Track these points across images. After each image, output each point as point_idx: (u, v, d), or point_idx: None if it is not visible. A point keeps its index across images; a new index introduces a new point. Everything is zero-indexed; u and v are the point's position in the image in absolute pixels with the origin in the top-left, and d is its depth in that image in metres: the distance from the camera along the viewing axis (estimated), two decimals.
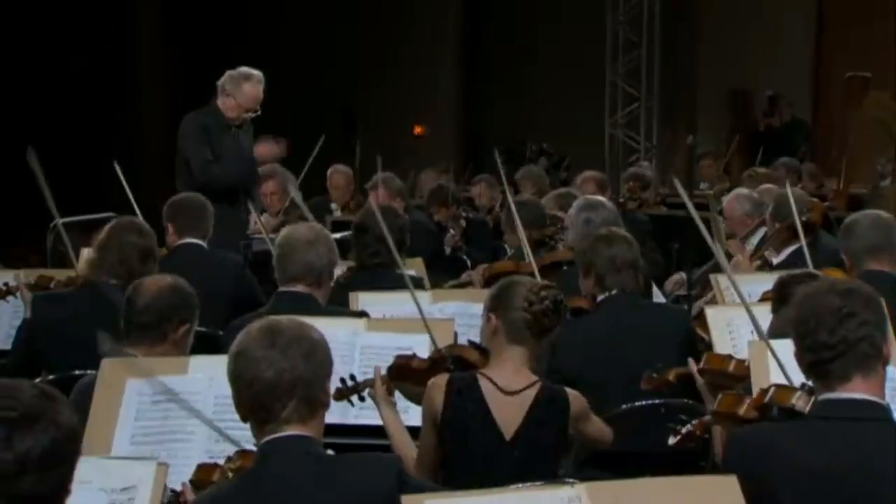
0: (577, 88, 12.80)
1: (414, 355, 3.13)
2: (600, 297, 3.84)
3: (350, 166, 8.30)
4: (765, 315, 3.58)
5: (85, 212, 5.26)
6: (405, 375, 3.09)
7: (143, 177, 12.14)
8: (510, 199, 5.26)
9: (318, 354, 2.35)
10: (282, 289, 3.76)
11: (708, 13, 12.79)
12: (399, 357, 3.12)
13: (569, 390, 3.05)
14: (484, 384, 2.98)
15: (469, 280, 5.01)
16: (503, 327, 3.01)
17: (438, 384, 2.98)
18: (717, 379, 2.92)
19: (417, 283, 4.37)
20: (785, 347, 2.61)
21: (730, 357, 3.00)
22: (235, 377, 2.35)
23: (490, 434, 2.96)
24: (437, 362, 3.10)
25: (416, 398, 3.09)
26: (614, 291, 3.81)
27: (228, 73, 5.66)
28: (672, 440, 2.97)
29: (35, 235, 5.16)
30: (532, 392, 2.99)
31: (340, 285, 4.16)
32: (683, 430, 2.94)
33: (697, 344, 3.83)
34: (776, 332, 3.06)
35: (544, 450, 2.99)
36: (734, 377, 2.95)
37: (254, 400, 2.32)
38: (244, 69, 5.67)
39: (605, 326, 3.77)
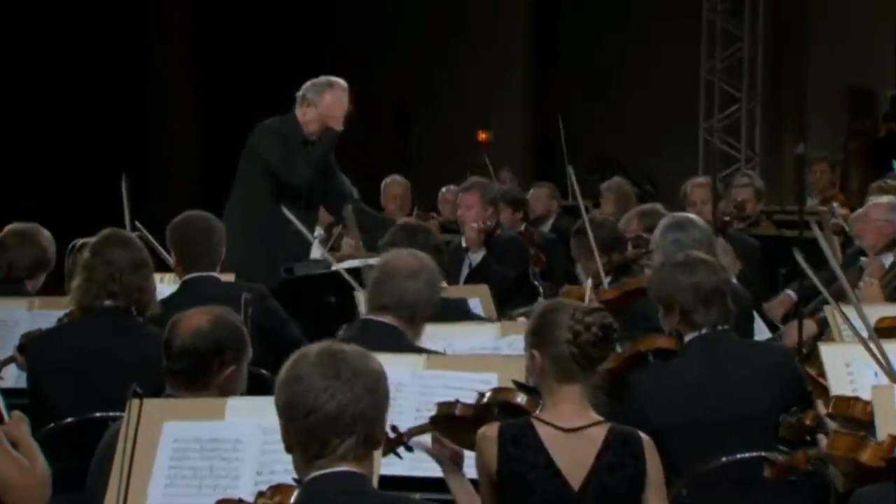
0: (666, 88, 12.75)
1: (457, 402, 3.11)
2: (688, 337, 3.76)
3: (403, 175, 8.37)
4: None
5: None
6: (451, 425, 3.07)
7: (171, 187, 12.40)
8: (586, 219, 5.25)
9: (381, 389, 2.43)
10: (369, 316, 3.79)
11: None
12: (440, 406, 3.10)
13: (643, 435, 3.02)
14: (541, 428, 2.96)
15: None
16: (549, 365, 2.98)
17: (489, 436, 2.96)
18: (847, 425, 2.86)
19: (461, 309, 4.38)
20: None
21: (856, 399, 2.95)
22: (288, 405, 2.39)
23: (555, 484, 2.93)
24: (481, 412, 3.08)
25: (470, 446, 3.07)
26: (704, 330, 3.74)
27: (310, 81, 5.74)
28: (768, 471, 2.95)
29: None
30: (599, 432, 2.97)
31: None
32: (780, 460, 2.92)
33: (806, 387, 3.77)
34: None
35: (618, 500, 2.95)
36: (861, 422, 2.92)
37: (309, 432, 2.37)
38: (326, 77, 5.76)
39: (696, 370, 3.71)
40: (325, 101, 5.68)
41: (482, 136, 13.34)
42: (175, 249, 4.62)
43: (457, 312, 4.37)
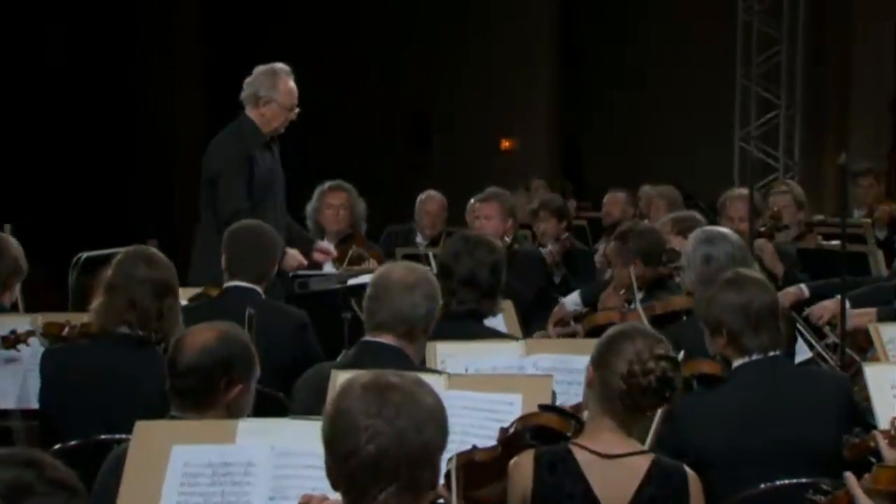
0: (700, 93, 12.75)
1: (474, 448, 3.02)
2: (737, 363, 3.69)
3: (422, 186, 8.39)
4: None
5: (115, 242, 5.39)
6: (472, 478, 2.97)
7: (175, 190, 12.44)
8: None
9: (431, 427, 2.33)
10: (367, 338, 3.77)
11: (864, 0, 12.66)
12: (457, 456, 2.96)
13: (689, 471, 3.00)
14: (579, 454, 2.95)
15: (550, 335, 5.02)
16: (597, 387, 3.00)
17: (522, 463, 2.96)
18: None
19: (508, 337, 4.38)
20: None
21: None
22: (330, 443, 2.34)
23: None
24: (511, 443, 3.03)
25: (493, 500, 3.02)
26: (755, 356, 3.67)
27: (250, 79, 5.72)
28: None
29: (54, 271, 5.29)
30: (642, 462, 2.96)
31: None
32: (822, 501, 2.92)
33: (864, 416, 3.74)
34: None
35: None
36: None
37: (348, 477, 2.31)
38: (265, 67, 5.73)
39: (745, 399, 3.65)
40: (281, 92, 5.66)
41: (505, 143, 13.35)
42: (226, 255, 4.71)
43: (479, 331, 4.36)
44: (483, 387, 3.51)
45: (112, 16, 12.14)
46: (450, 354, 4.01)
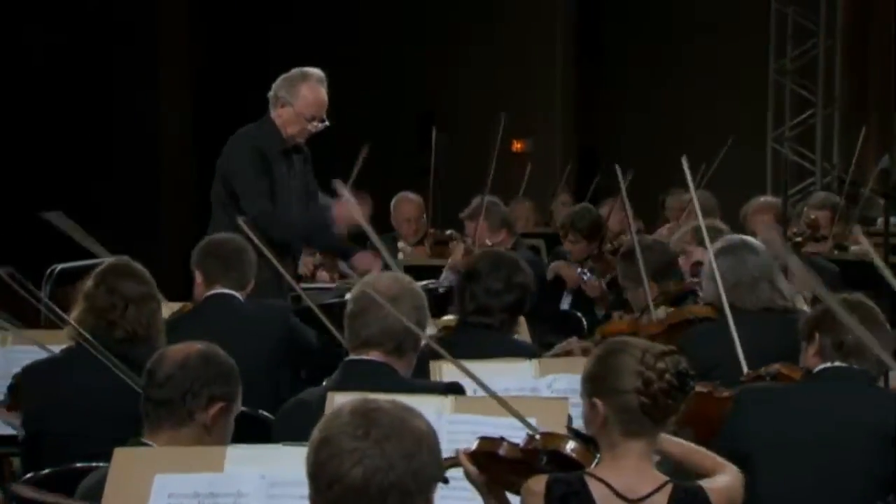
0: (729, 91, 12.75)
1: (503, 440, 3.06)
2: (819, 367, 3.84)
3: (425, 187, 8.40)
4: None
5: (90, 254, 5.42)
6: (489, 465, 3.04)
7: (160, 201, 12.47)
8: (635, 240, 5.26)
9: (423, 453, 2.32)
10: (351, 357, 3.80)
11: None
12: (483, 440, 3.06)
13: (709, 489, 2.98)
14: (596, 488, 2.94)
15: (571, 348, 5.04)
16: (613, 417, 2.97)
17: (535, 490, 2.95)
18: None
19: (529, 353, 4.39)
20: None
21: None
22: (313, 473, 2.33)
23: None
24: (529, 455, 3.05)
25: (511, 488, 3.05)
26: (837, 363, 3.82)
27: (281, 77, 5.75)
28: None
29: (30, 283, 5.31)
30: (661, 499, 2.94)
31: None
32: None
33: None
34: None
35: None
36: None
37: None
38: (298, 69, 5.76)
39: (812, 401, 3.80)
40: (300, 96, 5.68)
41: (517, 145, 13.37)
42: (199, 266, 4.81)
43: (498, 344, 4.38)
44: (494, 410, 3.49)
45: (97, 15, 12.24)
46: (458, 374, 4.00)
